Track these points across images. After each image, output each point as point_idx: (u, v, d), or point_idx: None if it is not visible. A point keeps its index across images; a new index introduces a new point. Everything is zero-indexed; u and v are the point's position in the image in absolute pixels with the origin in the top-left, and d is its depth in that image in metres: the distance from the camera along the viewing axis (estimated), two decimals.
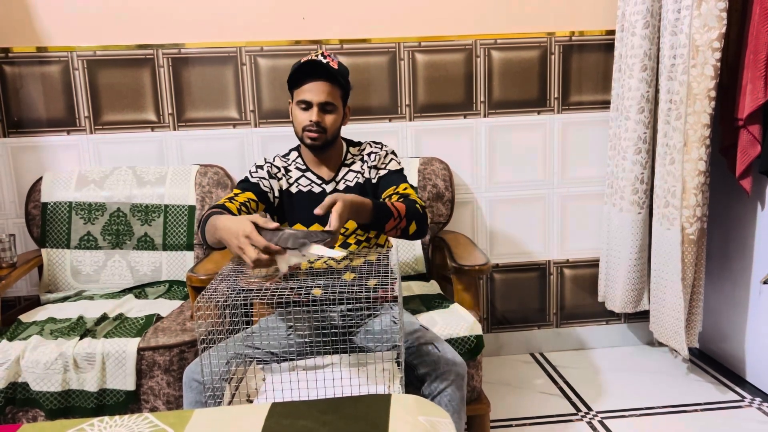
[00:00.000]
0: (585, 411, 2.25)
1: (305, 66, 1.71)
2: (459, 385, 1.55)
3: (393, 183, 1.78)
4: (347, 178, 1.82)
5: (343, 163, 1.84)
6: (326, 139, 1.75)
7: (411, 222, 1.61)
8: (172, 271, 2.34)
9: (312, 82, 1.71)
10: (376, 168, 1.82)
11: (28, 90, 2.40)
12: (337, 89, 1.74)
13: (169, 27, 2.41)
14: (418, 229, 1.64)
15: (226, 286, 1.39)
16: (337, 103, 1.74)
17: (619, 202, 2.47)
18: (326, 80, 1.71)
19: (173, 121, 2.47)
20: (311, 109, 1.72)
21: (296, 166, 1.84)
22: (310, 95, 1.71)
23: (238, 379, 1.50)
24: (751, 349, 2.38)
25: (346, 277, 1.43)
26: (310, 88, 1.71)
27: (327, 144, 1.76)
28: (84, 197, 2.33)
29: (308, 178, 1.83)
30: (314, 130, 1.72)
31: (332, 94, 1.72)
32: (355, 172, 1.82)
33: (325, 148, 1.78)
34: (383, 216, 1.56)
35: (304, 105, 1.73)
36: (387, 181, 1.80)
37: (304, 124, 1.73)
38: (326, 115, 1.73)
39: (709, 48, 2.09)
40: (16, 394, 1.81)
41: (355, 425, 1.11)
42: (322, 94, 1.71)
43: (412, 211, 1.62)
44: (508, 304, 2.74)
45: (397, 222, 1.58)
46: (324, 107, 1.72)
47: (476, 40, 2.52)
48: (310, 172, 1.83)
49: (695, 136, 2.16)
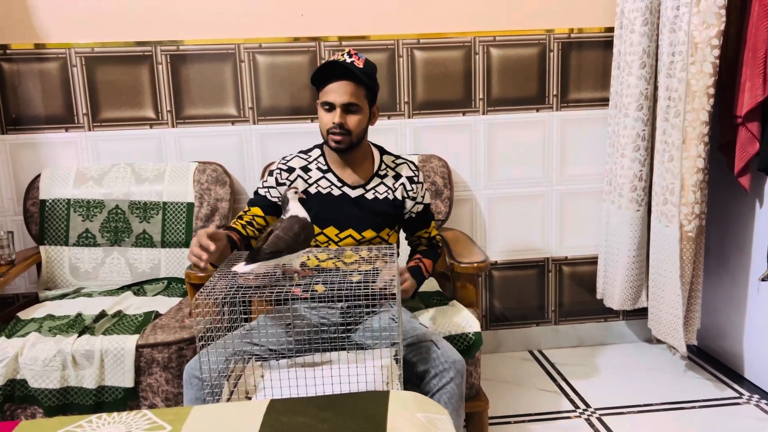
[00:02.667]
0: (583, 408, 2.26)
1: (327, 65, 1.68)
2: (458, 383, 1.55)
3: (426, 222, 1.90)
4: (378, 190, 1.79)
5: (377, 173, 1.81)
6: (351, 141, 1.71)
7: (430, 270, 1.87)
8: (170, 268, 2.34)
9: (335, 83, 1.68)
10: (413, 200, 1.84)
11: (27, 87, 2.40)
12: (361, 89, 1.69)
13: (168, 24, 2.41)
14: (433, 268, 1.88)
15: (224, 282, 1.39)
16: (362, 104, 1.70)
17: (618, 199, 2.47)
18: (349, 80, 1.67)
19: (172, 118, 2.47)
20: (334, 111, 1.69)
21: (318, 165, 1.80)
22: (333, 96, 1.68)
23: (237, 376, 1.50)
24: (749, 346, 2.38)
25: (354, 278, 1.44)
26: (333, 89, 1.68)
27: (352, 146, 1.73)
28: (82, 194, 2.33)
29: (329, 180, 1.79)
30: (338, 132, 1.69)
31: (356, 94, 1.68)
32: (387, 186, 1.80)
33: (350, 150, 1.74)
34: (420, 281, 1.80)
35: (328, 106, 1.70)
36: (423, 218, 1.89)
37: (328, 126, 1.70)
38: (350, 116, 1.69)
39: (708, 45, 2.09)
40: (15, 391, 1.81)
41: (353, 422, 1.11)
42: (345, 95, 1.67)
43: (433, 261, 1.88)
44: (507, 301, 2.74)
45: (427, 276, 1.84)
46: (347, 108, 1.68)
47: (475, 37, 2.51)
48: (331, 174, 1.79)
49: (694, 134, 2.16)
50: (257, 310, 1.88)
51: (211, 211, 2.35)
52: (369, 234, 1.77)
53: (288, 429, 1.09)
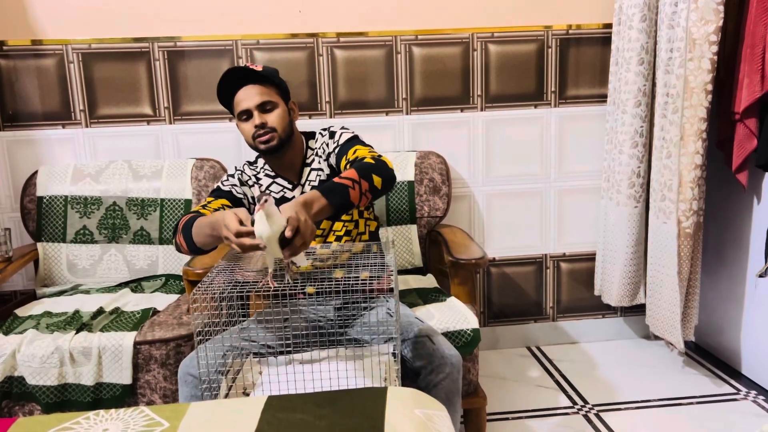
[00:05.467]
0: (581, 404, 2.26)
1: (226, 80, 1.68)
2: (454, 378, 1.56)
3: (344, 153, 1.68)
4: (311, 179, 1.77)
5: (304, 163, 1.79)
6: (280, 138, 1.70)
7: (370, 178, 1.50)
8: (168, 265, 2.34)
9: (240, 91, 1.69)
10: (328, 156, 1.76)
11: (23, 83, 2.39)
12: (270, 88, 1.70)
13: (165, 20, 2.40)
14: (384, 179, 1.52)
15: (222, 279, 1.39)
16: (275, 100, 1.70)
17: (616, 195, 2.47)
18: (254, 83, 1.68)
19: (169, 114, 2.47)
20: (252, 116, 1.68)
21: (265, 173, 1.80)
22: (245, 103, 1.68)
23: (235, 372, 1.50)
24: (746, 342, 2.39)
25: (335, 275, 1.43)
26: (242, 96, 1.69)
27: (283, 143, 1.71)
28: (80, 191, 2.33)
29: (279, 184, 1.79)
30: (262, 133, 1.68)
31: (266, 92, 1.69)
32: (317, 169, 1.77)
33: (283, 148, 1.72)
34: (339, 193, 1.44)
35: (245, 115, 1.70)
36: (339, 156, 1.70)
37: (251, 132, 1.69)
38: (268, 114, 1.69)
39: (706, 41, 2.09)
40: (12, 388, 1.81)
41: (351, 418, 1.11)
42: (256, 96, 1.68)
43: (365, 168, 1.51)
44: (505, 297, 2.74)
45: (358, 188, 1.46)
46: (263, 108, 1.68)
47: (473, 33, 2.51)
48: (280, 178, 1.79)
49: (692, 130, 2.16)
50: (255, 306, 1.88)
51: None
52: (327, 225, 1.75)
53: (285, 425, 1.09)
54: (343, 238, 1.78)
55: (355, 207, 1.50)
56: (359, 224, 1.83)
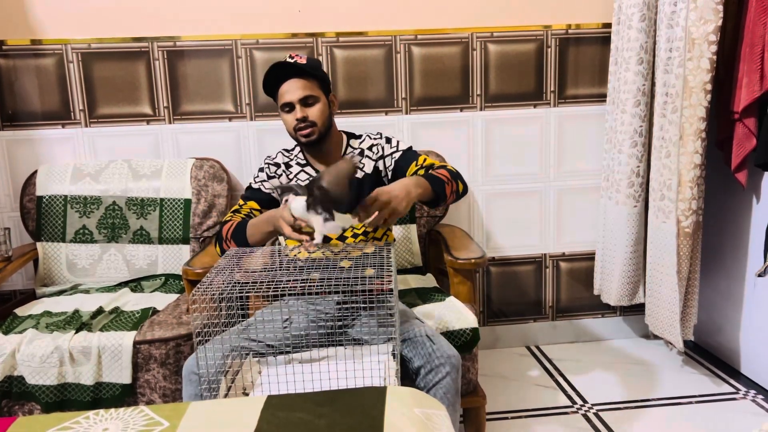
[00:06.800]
0: (581, 403, 2.26)
1: (273, 72, 1.74)
2: (454, 378, 1.56)
3: (412, 159, 1.82)
4: None
5: (343, 157, 1.85)
6: (320, 131, 1.77)
7: (457, 182, 1.70)
8: (168, 265, 2.34)
9: (285, 84, 1.75)
10: (383, 158, 1.85)
11: (23, 83, 2.39)
12: (312, 81, 1.76)
13: (165, 20, 2.40)
14: (464, 187, 1.75)
15: (221, 278, 1.39)
16: (318, 94, 1.77)
17: (615, 195, 2.48)
18: (298, 77, 1.74)
19: (169, 114, 2.47)
20: (294, 109, 1.75)
21: (297, 161, 1.87)
22: (289, 95, 1.75)
23: (234, 372, 1.50)
24: (745, 341, 2.39)
25: (343, 264, 1.45)
26: (286, 89, 1.75)
27: (323, 136, 1.79)
28: (79, 191, 2.33)
29: (307, 173, 1.85)
30: (303, 126, 1.76)
31: (309, 87, 1.75)
32: None
33: (323, 141, 1.80)
34: (441, 185, 1.63)
35: (288, 107, 1.77)
36: (405, 161, 1.83)
37: (293, 124, 1.77)
38: (309, 108, 1.76)
39: (705, 41, 2.09)
40: (12, 387, 1.81)
41: (350, 418, 1.11)
42: (299, 90, 1.74)
43: (452, 172, 1.71)
44: (504, 297, 2.74)
45: (450, 186, 1.66)
46: (305, 101, 1.75)
47: (473, 33, 2.51)
48: (309, 167, 1.86)
49: (691, 129, 2.16)
50: (255, 306, 1.89)
51: (208, 208, 2.35)
52: None
53: (285, 425, 1.09)
54: (359, 237, 1.83)
55: (444, 203, 1.68)
56: (378, 231, 1.88)
